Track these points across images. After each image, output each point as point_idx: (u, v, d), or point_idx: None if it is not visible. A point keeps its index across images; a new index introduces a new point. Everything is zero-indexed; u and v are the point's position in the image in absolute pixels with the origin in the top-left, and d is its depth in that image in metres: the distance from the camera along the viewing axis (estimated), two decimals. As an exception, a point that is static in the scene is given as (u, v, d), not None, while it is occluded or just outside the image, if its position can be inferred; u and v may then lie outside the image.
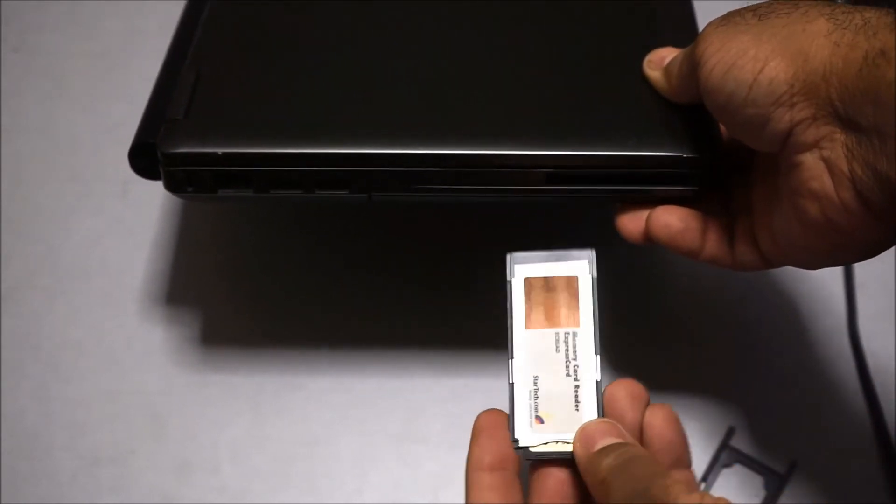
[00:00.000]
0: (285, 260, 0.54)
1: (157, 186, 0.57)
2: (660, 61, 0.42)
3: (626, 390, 0.36)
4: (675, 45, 0.42)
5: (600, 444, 0.35)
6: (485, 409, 0.38)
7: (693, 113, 0.41)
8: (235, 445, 0.48)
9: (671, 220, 0.41)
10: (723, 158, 0.41)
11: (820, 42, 0.34)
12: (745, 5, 0.38)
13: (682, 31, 0.46)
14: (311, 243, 0.55)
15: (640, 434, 0.36)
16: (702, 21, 0.42)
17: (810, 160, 0.34)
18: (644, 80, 0.43)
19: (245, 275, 0.54)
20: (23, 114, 0.61)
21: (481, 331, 0.50)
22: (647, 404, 0.36)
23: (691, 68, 0.38)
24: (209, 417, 0.48)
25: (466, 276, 0.53)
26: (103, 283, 0.53)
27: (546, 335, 0.38)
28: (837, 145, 0.33)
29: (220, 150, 0.40)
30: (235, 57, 0.45)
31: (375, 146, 0.40)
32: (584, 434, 0.35)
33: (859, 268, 0.54)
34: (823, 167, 0.34)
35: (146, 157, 0.42)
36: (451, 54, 0.45)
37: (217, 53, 0.45)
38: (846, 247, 0.36)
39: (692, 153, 0.40)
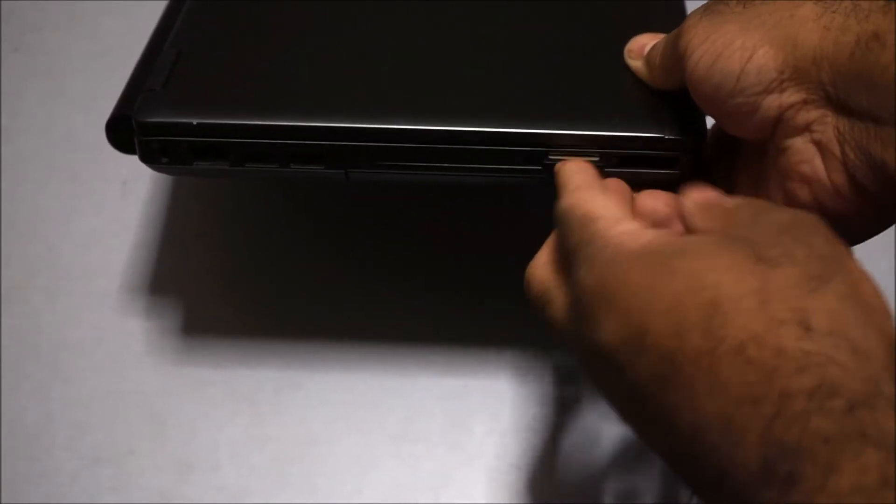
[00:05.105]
0: (286, 259, 0.54)
1: (157, 186, 0.57)
2: (640, 50, 0.41)
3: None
4: (664, 28, 0.41)
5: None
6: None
7: (676, 96, 0.40)
8: (235, 445, 0.48)
9: (657, 206, 0.39)
10: (706, 142, 0.40)
11: (809, 27, 0.33)
12: None
13: (671, 13, 0.45)
14: (313, 243, 0.55)
15: None
16: (690, 6, 0.42)
17: (801, 144, 0.34)
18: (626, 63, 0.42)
19: (245, 274, 0.54)
20: (23, 114, 0.61)
21: (482, 331, 0.50)
22: None
23: (675, 59, 0.37)
24: (209, 417, 0.48)
25: (468, 276, 0.53)
26: (103, 283, 0.53)
27: None
28: (829, 128, 0.33)
29: (195, 121, 0.39)
30: (216, 37, 0.44)
31: (349, 120, 0.40)
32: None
33: (859, 267, 0.53)
34: (815, 150, 0.33)
35: (124, 131, 0.41)
36: (432, 31, 0.45)
37: (198, 34, 0.44)
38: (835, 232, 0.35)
39: (674, 135, 0.40)
